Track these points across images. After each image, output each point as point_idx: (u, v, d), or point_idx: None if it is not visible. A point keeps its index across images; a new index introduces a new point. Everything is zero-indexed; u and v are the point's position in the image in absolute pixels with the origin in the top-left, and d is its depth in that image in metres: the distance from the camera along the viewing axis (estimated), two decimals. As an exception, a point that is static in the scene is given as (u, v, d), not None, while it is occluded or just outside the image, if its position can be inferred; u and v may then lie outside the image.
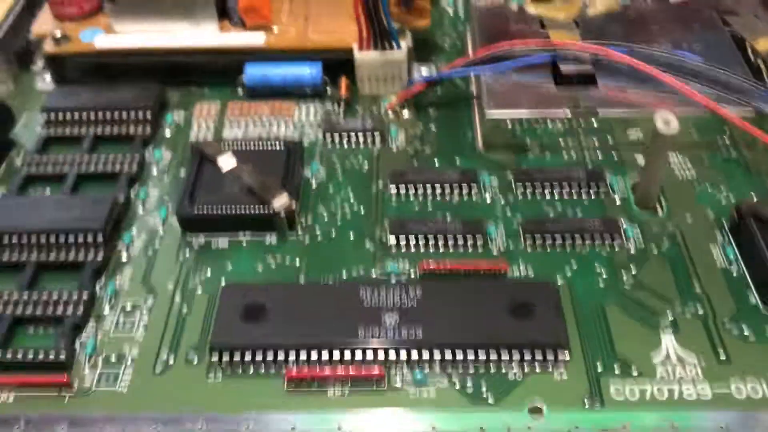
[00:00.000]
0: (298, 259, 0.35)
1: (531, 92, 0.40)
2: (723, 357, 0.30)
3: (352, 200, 0.38)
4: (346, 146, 0.41)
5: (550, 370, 0.30)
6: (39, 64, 0.48)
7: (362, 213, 0.37)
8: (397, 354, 0.30)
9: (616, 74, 0.40)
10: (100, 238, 0.35)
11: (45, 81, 0.46)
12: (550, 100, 0.40)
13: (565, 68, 0.40)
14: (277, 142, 0.39)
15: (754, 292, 0.32)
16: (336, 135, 0.41)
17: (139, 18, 0.43)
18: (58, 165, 0.39)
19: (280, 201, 0.35)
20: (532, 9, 0.47)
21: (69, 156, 0.39)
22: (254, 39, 0.43)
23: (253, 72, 0.43)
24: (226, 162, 0.38)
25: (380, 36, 0.41)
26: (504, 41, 0.40)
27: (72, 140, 0.41)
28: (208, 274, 0.34)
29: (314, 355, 0.30)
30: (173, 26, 0.44)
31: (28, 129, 0.43)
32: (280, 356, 0.30)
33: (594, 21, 0.45)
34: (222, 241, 0.36)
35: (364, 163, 0.40)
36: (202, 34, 0.44)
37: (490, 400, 0.29)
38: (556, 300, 0.31)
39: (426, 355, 0.30)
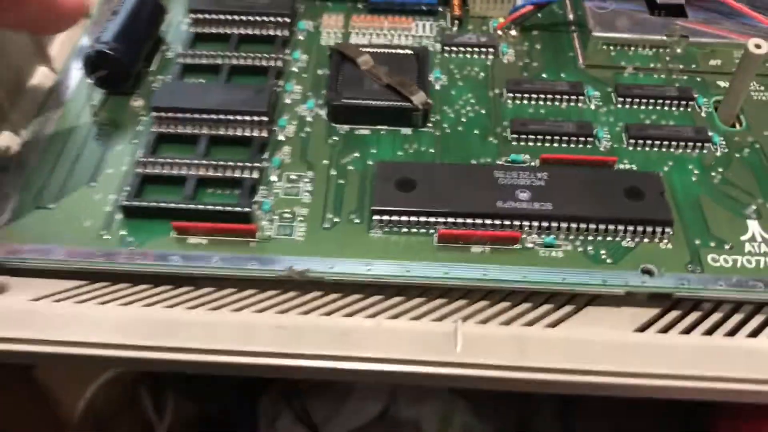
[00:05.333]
0: (432, 148, 0.41)
1: (629, 18, 0.45)
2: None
3: (473, 101, 0.43)
4: (461, 57, 0.46)
5: (657, 241, 0.36)
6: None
7: (483, 113, 0.43)
8: (530, 223, 0.36)
9: (705, 9, 0.46)
10: (264, 119, 0.40)
11: (180, -14, 0.51)
12: (646, 25, 0.45)
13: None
14: (407, 49, 0.45)
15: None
16: (453, 48, 0.46)
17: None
18: (212, 58, 0.45)
19: (419, 97, 0.41)
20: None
21: (220, 51, 0.45)
22: (379, -42, 0.48)
23: (377, -11, 0.49)
24: (366, 62, 0.43)
25: (496, -39, 0.47)
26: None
27: (217, 37, 0.47)
28: (356, 155, 0.40)
29: (460, 220, 0.36)
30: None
31: (171, 26, 0.48)
32: (432, 219, 0.36)
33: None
34: (363, 130, 0.42)
35: (480, 72, 0.45)
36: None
37: (609, 261, 0.35)
38: (661, 187, 0.37)
39: (555, 224, 0.36)
